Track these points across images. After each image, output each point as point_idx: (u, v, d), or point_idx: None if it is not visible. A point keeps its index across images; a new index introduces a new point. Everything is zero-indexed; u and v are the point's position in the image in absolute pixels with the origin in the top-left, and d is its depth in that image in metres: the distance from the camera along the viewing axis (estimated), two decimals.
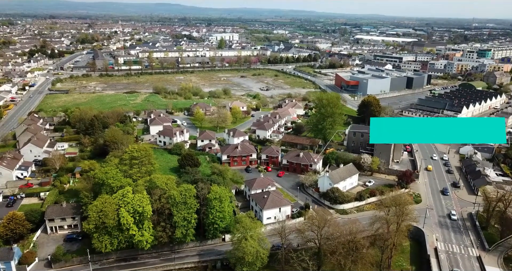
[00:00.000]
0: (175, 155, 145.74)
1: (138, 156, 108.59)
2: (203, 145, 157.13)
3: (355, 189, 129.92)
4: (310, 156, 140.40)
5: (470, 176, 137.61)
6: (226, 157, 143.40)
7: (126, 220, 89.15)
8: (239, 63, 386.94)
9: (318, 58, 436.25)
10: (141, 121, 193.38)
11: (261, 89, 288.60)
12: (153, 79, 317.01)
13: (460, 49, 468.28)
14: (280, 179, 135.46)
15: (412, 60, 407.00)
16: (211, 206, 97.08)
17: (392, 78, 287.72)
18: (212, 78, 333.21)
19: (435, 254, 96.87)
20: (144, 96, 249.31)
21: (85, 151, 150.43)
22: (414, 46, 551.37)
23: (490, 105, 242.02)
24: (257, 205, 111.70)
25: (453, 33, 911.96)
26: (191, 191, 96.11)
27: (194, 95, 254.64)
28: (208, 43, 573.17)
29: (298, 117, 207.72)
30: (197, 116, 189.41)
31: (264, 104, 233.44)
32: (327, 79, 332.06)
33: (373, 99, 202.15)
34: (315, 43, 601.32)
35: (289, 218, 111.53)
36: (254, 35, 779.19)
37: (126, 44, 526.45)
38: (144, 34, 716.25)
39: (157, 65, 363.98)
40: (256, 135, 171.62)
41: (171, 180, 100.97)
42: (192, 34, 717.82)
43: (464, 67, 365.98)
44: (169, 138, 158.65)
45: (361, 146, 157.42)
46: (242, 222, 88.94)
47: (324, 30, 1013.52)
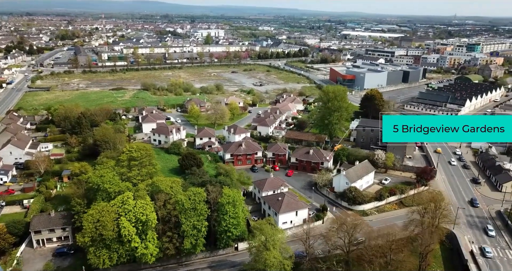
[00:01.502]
0: (173, 155, 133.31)
1: (138, 156, 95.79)
2: (203, 143, 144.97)
3: (371, 188, 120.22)
4: (321, 153, 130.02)
5: (490, 171, 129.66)
6: (229, 155, 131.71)
7: (128, 231, 76.75)
8: (228, 59, 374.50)
9: (309, 53, 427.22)
10: (132, 119, 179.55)
11: (254, 84, 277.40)
12: (140, 76, 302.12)
13: (449, 44, 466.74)
14: (290, 179, 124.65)
15: (404, 54, 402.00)
16: (223, 211, 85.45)
17: (388, 72, 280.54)
18: (202, 74, 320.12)
19: (472, 258, 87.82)
20: (132, 93, 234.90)
21: (72, 151, 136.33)
22: (402, 41, 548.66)
23: (490, 98, 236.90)
24: (270, 209, 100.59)
25: (436, 29, 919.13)
26: (201, 195, 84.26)
27: (185, 91, 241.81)
28: (194, 39, 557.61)
29: (298, 113, 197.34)
30: (193, 113, 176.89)
31: (261, 99, 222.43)
32: (320, 74, 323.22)
33: (377, 93, 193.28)
34: (303, 39, 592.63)
35: (306, 222, 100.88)
36: (240, 32, 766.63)
37: (109, 40, 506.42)
38: (126, 30, 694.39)
39: (143, 61, 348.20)
40: (258, 132, 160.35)
41: (177, 183, 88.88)
42: (176, 30, 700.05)
43: (456, 61, 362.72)
44: (164, 136, 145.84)
45: (371, 141, 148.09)
46: (263, 229, 77.63)
47: (309, 27, 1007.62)
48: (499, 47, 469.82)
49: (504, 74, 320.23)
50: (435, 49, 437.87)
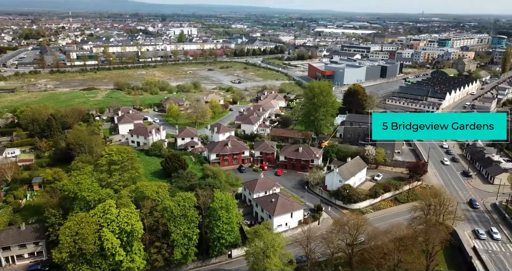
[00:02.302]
0: (154, 157, 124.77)
1: (119, 160, 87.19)
2: (185, 144, 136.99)
3: (364, 185, 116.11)
4: (311, 151, 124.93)
5: (479, 163, 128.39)
6: (215, 156, 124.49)
7: (111, 243, 68.74)
8: (204, 56, 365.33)
9: (285, 50, 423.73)
10: (107, 120, 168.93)
11: (232, 82, 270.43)
12: (112, 75, 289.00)
13: (421, 39, 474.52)
14: (279, 178, 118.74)
15: (379, 50, 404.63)
16: (216, 217, 78.57)
17: (367, 67, 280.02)
18: (177, 72, 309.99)
19: (476, 255, 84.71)
20: (105, 93, 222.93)
21: (42, 156, 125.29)
22: (375, 37, 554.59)
23: (467, 91, 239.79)
24: (263, 211, 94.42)
25: (406, 26, 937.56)
26: (190, 201, 77.04)
27: (161, 90, 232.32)
28: (166, 37, 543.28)
29: (280, 110, 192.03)
30: (172, 112, 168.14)
31: (241, 97, 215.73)
32: (298, 71, 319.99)
33: (359, 88, 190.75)
34: (277, 36, 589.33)
35: (302, 224, 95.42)
36: (213, 30, 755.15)
37: (77, 39, 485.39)
38: (95, 29, 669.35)
39: (115, 60, 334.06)
40: (242, 130, 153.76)
41: (163, 188, 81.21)
42: (147, 29, 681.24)
43: (430, 56, 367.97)
44: (143, 137, 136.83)
45: (359, 137, 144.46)
46: (261, 235, 71.35)
47: (281, 24, 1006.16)
48: (468, 42, 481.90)
49: (476, 68, 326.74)
50: (409, 45, 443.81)
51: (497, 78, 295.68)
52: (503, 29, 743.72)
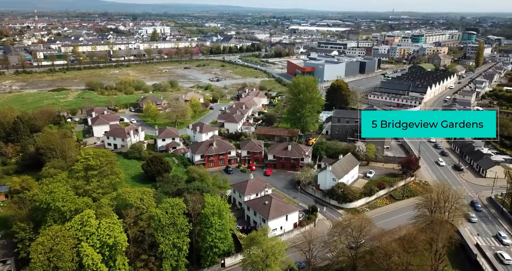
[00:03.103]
0: (134, 160, 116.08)
1: (97, 165, 78.58)
2: (166, 145, 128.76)
3: (357, 183, 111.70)
4: (301, 148, 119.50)
5: (470, 157, 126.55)
6: (199, 157, 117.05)
7: (92, 259, 60.76)
8: (179, 55, 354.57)
9: (262, 47, 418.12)
10: (80, 122, 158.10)
11: (210, 80, 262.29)
12: (83, 75, 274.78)
13: (395, 36, 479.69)
14: (269, 178, 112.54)
15: (355, 46, 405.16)
16: (208, 224, 71.66)
17: (346, 63, 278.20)
18: (152, 71, 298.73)
19: (480, 252, 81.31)
20: (77, 93, 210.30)
21: (9, 163, 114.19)
22: (350, 34, 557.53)
23: (446, 85, 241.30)
24: (256, 215, 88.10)
25: (377, 24, 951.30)
26: (179, 207, 69.81)
27: (136, 90, 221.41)
28: (138, 36, 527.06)
29: (263, 107, 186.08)
30: (150, 112, 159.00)
31: (222, 95, 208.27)
32: (277, 68, 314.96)
33: (343, 83, 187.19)
34: (253, 34, 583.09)
35: (297, 227, 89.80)
36: (186, 29, 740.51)
37: (44, 39, 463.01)
38: (63, 29, 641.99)
39: (86, 59, 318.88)
40: (226, 129, 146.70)
41: (148, 194, 73.47)
42: (118, 28, 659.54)
43: (406, 52, 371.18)
44: (121, 139, 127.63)
45: (347, 133, 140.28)
46: (261, 243, 65.02)
47: (255, 23, 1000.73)
48: (440, 38, 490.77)
49: (451, 63, 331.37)
50: (384, 41, 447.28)
51: (472, 72, 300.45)
52: (470, 26, 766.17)
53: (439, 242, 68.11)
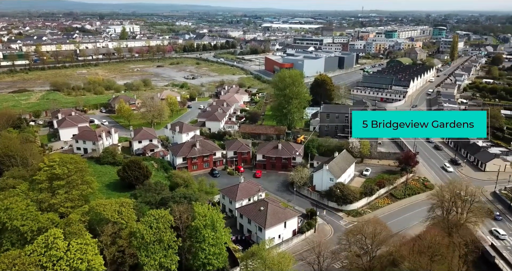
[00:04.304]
0: (107, 165, 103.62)
1: (64, 173, 66.30)
2: (143, 147, 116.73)
3: (354, 181, 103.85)
4: (291, 147, 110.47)
5: (466, 150, 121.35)
6: (181, 159, 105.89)
7: None
8: (151, 53, 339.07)
9: (236, 45, 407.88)
10: (44, 125, 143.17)
11: (186, 78, 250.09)
12: (48, 75, 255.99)
13: (369, 32, 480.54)
14: (260, 180, 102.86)
15: (331, 42, 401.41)
16: (199, 238, 61.21)
17: (325, 58, 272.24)
18: (123, 70, 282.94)
19: (497, 254, 74.71)
20: (41, 95, 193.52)
21: None
22: (324, 31, 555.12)
23: (426, 79, 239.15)
24: (251, 223, 78.24)
25: (348, 21, 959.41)
26: (166, 220, 59.11)
27: (106, 90, 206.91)
28: (106, 35, 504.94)
29: (245, 105, 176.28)
30: (123, 112, 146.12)
31: (199, 93, 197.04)
32: (253, 65, 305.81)
33: (327, 78, 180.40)
34: (226, 32, 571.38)
35: (297, 234, 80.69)
36: (157, 27, 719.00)
37: (3, 38, 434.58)
38: (24, 28, 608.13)
39: (50, 59, 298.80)
40: (207, 128, 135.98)
41: (127, 206, 62.19)
42: (85, 27, 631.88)
43: (381, 47, 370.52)
44: (91, 142, 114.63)
45: (337, 129, 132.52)
46: (263, 258, 55.31)
47: (227, 21, 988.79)
48: (412, 34, 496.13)
49: (426, 57, 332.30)
50: (359, 37, 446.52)
51: (448, 65, 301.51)
52: (437, 22, 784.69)
53: (462, 247, 60.51)
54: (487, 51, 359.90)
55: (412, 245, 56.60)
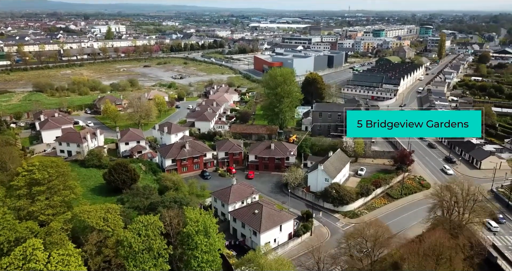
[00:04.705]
0: (92, 168, 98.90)
1: (44, 178, 61.72)
2: (130, 149, 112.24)
3: (349, 182, 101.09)
4: (285, 147, 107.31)
5: (460, 148, 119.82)
6: (170, 161, 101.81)
7: None
8: (137, 53, 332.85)
9: (224, 44, 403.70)
10: (26, 127, 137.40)
11: (173, 77, 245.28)
12: (30, 76, 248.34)
13: (356, 31, 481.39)
14: (252, 182, 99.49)
15: (320, 41, 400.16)
16: (192, 245, 57.40)
17: (315, 57, 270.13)
18: (109, 70, 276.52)
19: (499, 254, 72.61)
20: (22, 96, 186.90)
21: None
22: (312, 30, 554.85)
23: (416, 77, 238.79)
24: (245, 227, 74.76)
25: (335, 21, 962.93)
26: (155, 227, 55.24)
27: (92, 90, 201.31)
28: (91, 35, 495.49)
29: (235, 104, 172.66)
30: (109, 113, 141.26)
31: (188, 92, 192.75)
32: (242, 64, 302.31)
33: (318, 77, 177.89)
34: (214, 32, 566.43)
35: (293, 238, 77.47)
36: (143, 27, 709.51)
37: None
38: (6, 28, 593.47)
39: (33, 59, 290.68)
40: (197, 128, 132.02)
41: (113, 212, 58.09)
42: (69, 27, 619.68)
43: (370, 45, 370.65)
44: (76, 144, 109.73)
45: (329, 128, 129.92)
46: (263, 266, 51.87)
47: (214, 21, 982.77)
48: (399, 33, 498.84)
49: (414, 56, 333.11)
50: (347, 36, 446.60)
51: (436, 64, 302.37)
52: (423, 22, 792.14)
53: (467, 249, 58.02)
54: (474, 50, 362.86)
55: (417, 248, 53.66)
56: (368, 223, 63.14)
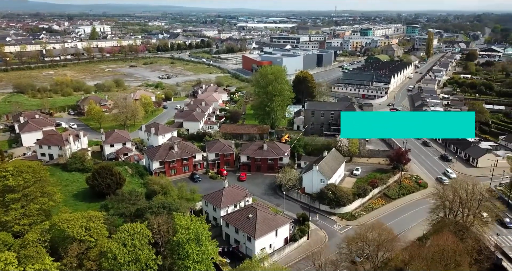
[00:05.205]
0: (75, 172, 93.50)
1: (19, 185, 56.50)
2: (115, 151, 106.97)
3: (345, 182, 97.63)
4: (278, 147, 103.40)
5: (456, 146, 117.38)
6: (158, 163, 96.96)
7: None
8: (123, 53, 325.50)
9: (212, 44, 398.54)
10: (4, 130, 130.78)
11: (160, 77, 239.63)
12: (11, 77, 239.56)
13: (344, 30, 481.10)
14: (245, 184, 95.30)
15: (308, 40, 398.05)
16: (182, 254, 53.07)
17: (304, 56, 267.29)
18: (93, 71, 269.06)
19: (504, 255, 69.87)
20: (2, 97, 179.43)
21: None
22: (299, 30, 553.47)
23: (405, 75, 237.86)
24: (238, 233, 70.53)
25: (322, 20, 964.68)
26: (143, 235, 50.69)
27: (75, 91, 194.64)
28: (75, 35, 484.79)
29: (224, 104, 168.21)
30: (93, 114, 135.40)
31: (175, 92, 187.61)
32: (230, 64, 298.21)
33: (308, 75, 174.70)
34: (201, 31, 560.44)
35: (289, 242, 73.54)
36: (128, 28, 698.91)
37: None
38: None
39: (14, 60, 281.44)
40: (185, 129, 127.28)
41: (96, 220, 53.30)
42: (52, 27, 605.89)
43: (358, 44, 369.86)
44: (57, 147, 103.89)
45: (322, 127, 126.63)
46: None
47: (201, 22, 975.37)
48: (386, 32, 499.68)
49: (403, 54, 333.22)
50: (335, 35, 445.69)
51: (424, 62, 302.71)
52: (409, 21, 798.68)
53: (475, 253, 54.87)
54: (461, 48, 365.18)
55: (425, 253, 50.26)
56: (370, 226, 59.47)
